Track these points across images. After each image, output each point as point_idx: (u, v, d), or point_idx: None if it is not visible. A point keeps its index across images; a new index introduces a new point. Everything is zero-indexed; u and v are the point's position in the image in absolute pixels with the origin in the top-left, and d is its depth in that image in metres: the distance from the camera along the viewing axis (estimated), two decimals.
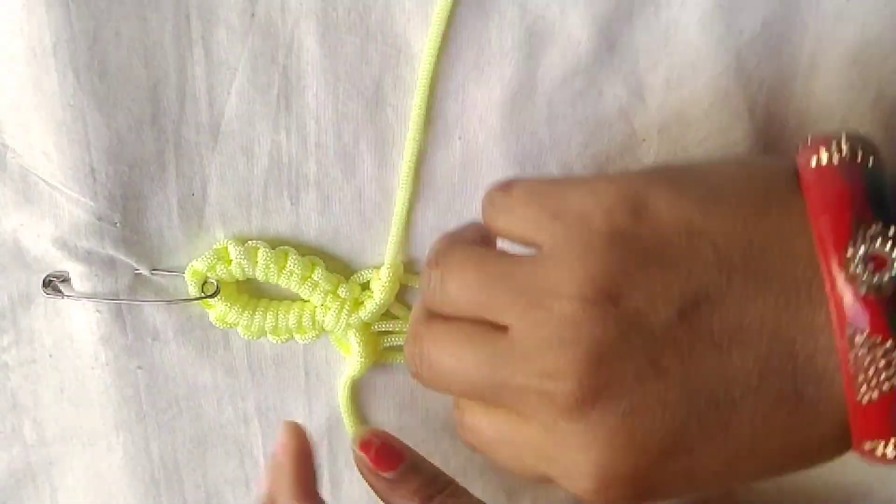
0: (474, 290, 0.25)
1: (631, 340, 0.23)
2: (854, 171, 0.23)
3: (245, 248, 0.33)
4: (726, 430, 0.23)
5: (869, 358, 0.21)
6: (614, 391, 0.23)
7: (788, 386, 0.23)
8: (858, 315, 0.22)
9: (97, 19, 0.29)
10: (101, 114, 0.31)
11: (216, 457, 0.37)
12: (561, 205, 0.25)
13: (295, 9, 0.30)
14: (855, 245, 0.22)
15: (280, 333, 0.34)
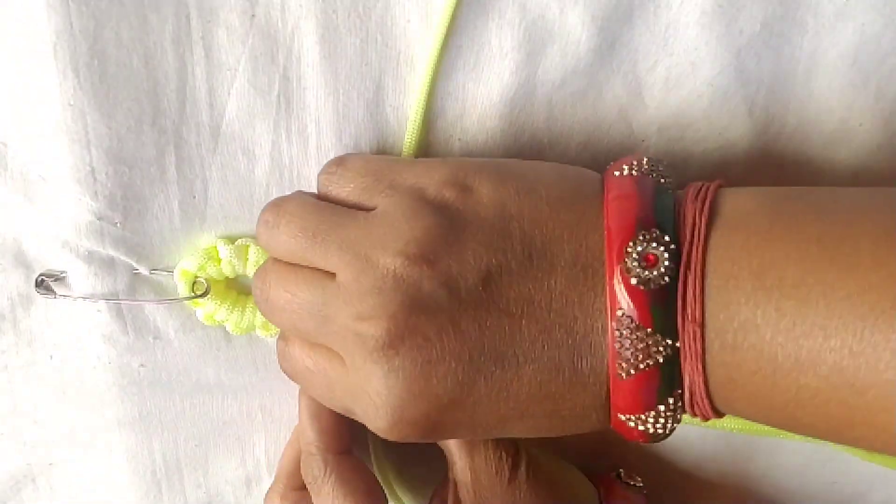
0: (307, 238, 0.28)
1: (439, 300, 0.26)
2: (646, 184, 0.27)
3: (235, 247, 0.33)
4: (507, 390, 0.26)
5: (630, 340, 0.25)
6: (418, 342, 0.26)
7: (566, 358, 0.26)
8: (627, 301, 0.25)
9: (97, 19, 0.29)
10: (101, 114, 0.31)
11: (218, 456, 0.37)
12: (397, 178, 0.28)
13: (295, 10, 0.30)
14: (634, 244, 0.25)
15: (270, 328, 0.34)
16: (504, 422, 0.27)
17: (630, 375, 0.25)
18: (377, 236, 0.27)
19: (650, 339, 0.25)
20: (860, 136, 0.33)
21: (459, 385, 0.26)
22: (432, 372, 0.26)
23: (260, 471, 0.38)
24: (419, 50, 0.31)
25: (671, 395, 0.26)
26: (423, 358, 0.26)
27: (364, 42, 0.31)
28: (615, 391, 0.26)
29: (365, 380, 0.27)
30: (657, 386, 0.25)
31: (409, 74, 0.31)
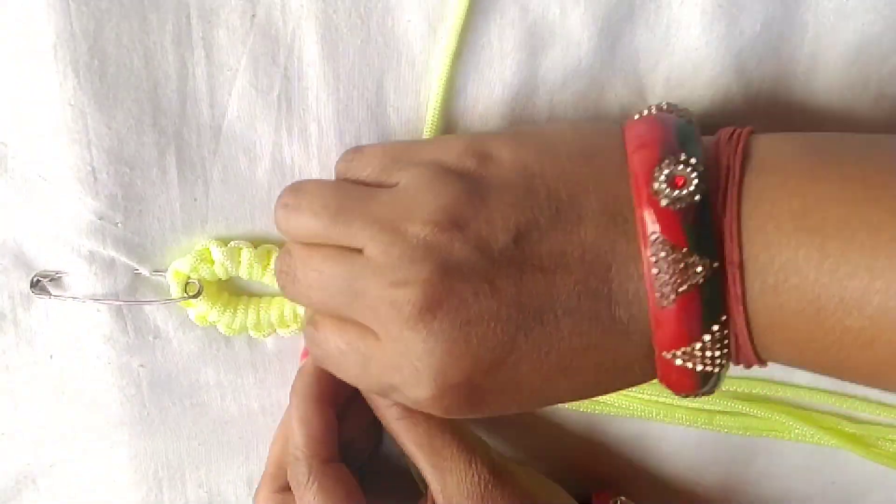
0: (330, 216, 0.28)
1: (472, 261, 0.26)
2: (667, 118, 0.26)
3: (228, 249, 0.33)
4: (548, 344, 0.26)
5: (667, 263, 0.24)
6: (455, 305, 0.26)
7: (603, 308, 0.26)
8: (658, 223, 0.25)
9: (97, 19, 0.29)
10: (101, 114, 0.31)
11: (219, 455, 0.37)
12: (415, 155, 0.29)
13: (296, 10, 0.30)
14: (661, 169, 0.25)
15: (262, 329, 0.34)
16: (549, 380, 0.27)
17: (670, 302, 0.25)
18: (402, 208, 0.27)
19: (686, 258, 0.24)
20: None
21: (500, 344, 0.26)
22: (472, 332, 0.26)
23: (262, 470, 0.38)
24: (420, 50, 0.31)
25: (716, 322, 0.25)
26: (462, 319, 0.26)
27: (365, 42, 0.31)
28: (657, 325, 0.25)
29: (403, 349, 0.26)
30: (699, 310, 0.25)
31: (410, 75, 0.31)
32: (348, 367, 0.29)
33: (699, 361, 0.25)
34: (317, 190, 0.29)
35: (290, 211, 0.29)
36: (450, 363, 0.26)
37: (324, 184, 0.29)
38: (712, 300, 0.25)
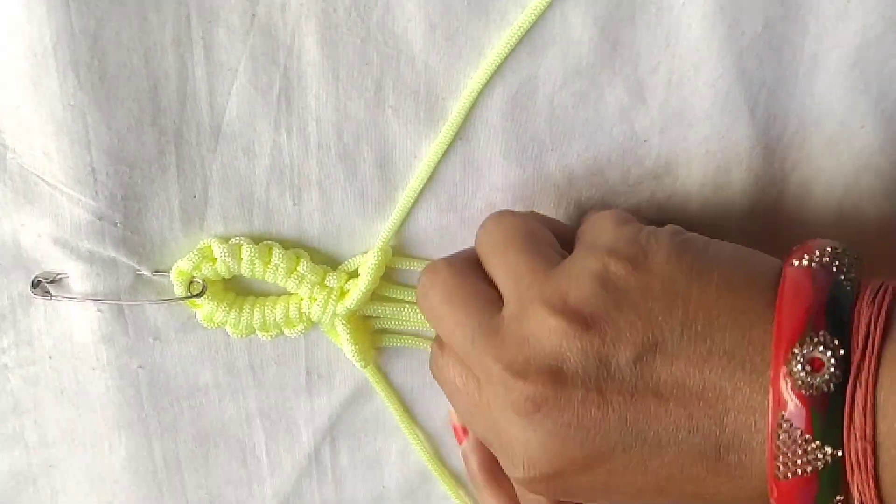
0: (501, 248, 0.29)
1: (589, 368, 0.26)
2: (825, 279, 0.25)
3: (228, 246, 0.33)
4: (646, 466, 0.26)
5: (788, 444, 0.24)
6: (562, 404, 0.26)
7: (711, 448, 0.25)
8: (790, 406, 0.24)
9: (97, 19, 0.29)
10: (101, 114, 0.31)
11: (218, 457, 0.37)
12: (595, 234, 0.29)
13: (295, 9, 0.30)
14: (801, 345, 0.24)
15: (268, 329, 0.34)
16: (641, 494, 0.27)
17: (787, 479, 0.24)
18: (550, 288, 0.27)
19: (809, 445, 0.24)
20: (862, 137, 0.33)
21: (598, 453, 0.26)
22: (570, 435, 0.26)
23: (261, 471, 0.38)
24: (420, 50, 0.31)
25: (832, 502, 0.25)
26: (564, 421, 0.26)
27: (365, 41, 0.31)
28: (773, 489, 0.25)
29: (506, 423, 0.27)
30: (815, 491, 0.24)
31: (409, 75, 0.31)
32: (459, 403, 0.30)
33: None
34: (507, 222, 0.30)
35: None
36: (543, 458, 0.26)
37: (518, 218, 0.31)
38: (831, 484, 0.24)
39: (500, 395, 0.27)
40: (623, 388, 0.26)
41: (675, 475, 0.26)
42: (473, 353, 0.28)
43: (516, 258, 0.29)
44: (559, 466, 0.26)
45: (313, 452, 0.38)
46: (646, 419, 0.26)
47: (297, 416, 0.37)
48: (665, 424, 0.25)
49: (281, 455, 0.38)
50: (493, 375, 0.27)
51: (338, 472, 0.38)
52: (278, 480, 0.38)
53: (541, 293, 0.27)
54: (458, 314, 0.29)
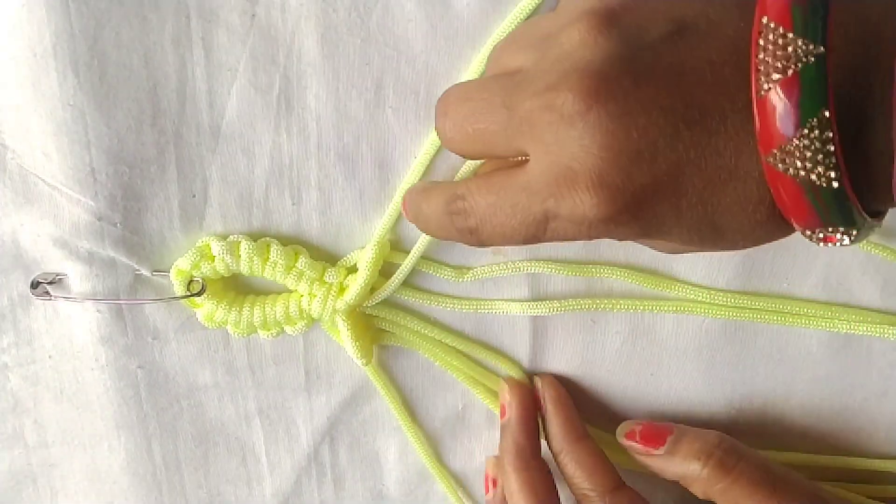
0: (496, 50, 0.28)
1: (631, 49, 0.24)
2: None
3: (227, 243, 0.33)
4: (713, 142, 0.24)
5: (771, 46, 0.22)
6: (613, 93, 0.24)
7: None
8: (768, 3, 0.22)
9: (97, 20, 0.29)
10: (101, 114, 0.31)
11: (218, 456, 0.37)
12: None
13: (295, 10, 0.30)
14: None
15: (269, 327, 0.34)
16: (714, 186, 0.24)
17: (767, 91, 0.22)
18: (557, 22, 0.26)
19: (790, 41, 0.22)
20: None
21: (663, 137, 0.24)
22: (631, 124, 0.24)
23: (261, 470, 0.38)
24: (420, 50, 0.31)
25: (815, 115, 0.22)
26: (620, 110, 0.24)
27: (364, 42, 0.31)
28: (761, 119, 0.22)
29: (561, 156, 0.24)
30: (797, 97, 0.22)
31: (409, 75, 0.31)
32: (498, 219, 0.27)
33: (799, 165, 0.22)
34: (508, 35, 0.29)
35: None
36: (608, 159, 0.24)
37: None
38: (813, 88, 0.22)
39: (547, 126, 0.24)
40: (670, 59, 0.24)
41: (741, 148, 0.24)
42: (510, 116, 0.26)
43: (519, 33, 0.28)
44: (627, 167, 0.24)
45: (312, 452, 0.38)
46: (703, 88, 0.24)
47: (296, 416, 0.37)
48: (724, 91, 0.24)
49: (280, 454, 0.38)
50: (534, 112, 0.25)
51: (337, 471, 0.38)
52: (277, 480, 0.38)
53: (556, 23, 0.26)
54: (478, 97, 0.27)
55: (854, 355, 0.37)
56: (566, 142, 0.24)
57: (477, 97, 0.27)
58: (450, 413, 0.38)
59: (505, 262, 0.35)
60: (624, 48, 0.24)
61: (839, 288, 0.36)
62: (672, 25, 0.24)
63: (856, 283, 0.36)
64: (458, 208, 0.28)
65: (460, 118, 0.27)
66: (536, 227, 0.27)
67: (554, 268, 0.35)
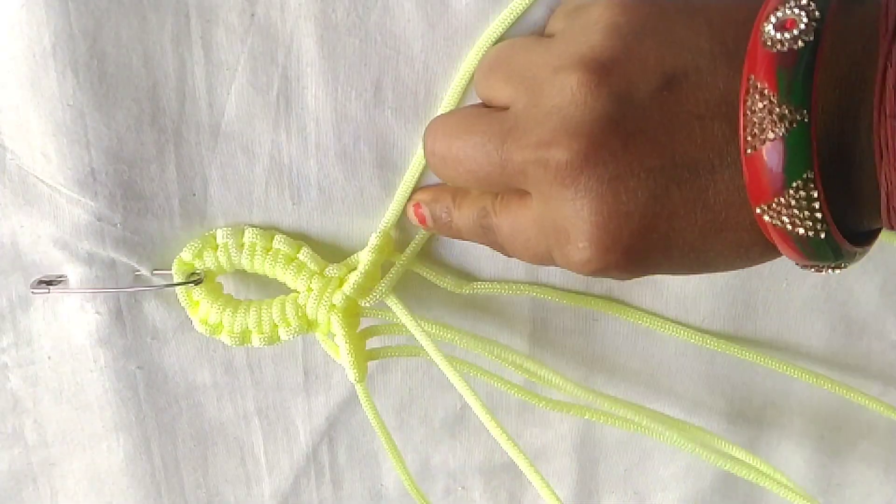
0: (480, 74, 0.28)
1: (621, 108, 0.24)
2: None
3: (232, 229, 0.32)
4: (704, 197, 0.24)
5: (758, 108, 0.22)
6: (603, 158, 0.24)
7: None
8: (756, 65, 0.23)
9: (97, 19, 0.29)
10: (100, 114, 0.31)
11: (217, 456, 0.37)
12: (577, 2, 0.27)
13: (294, 9, 0.30)
14: (777, 10, 0.23)
15: (263, 329, 0.33)
16: (704, 237, 0.25)
17: (754, 150, 0.23)
18: (555, 54, 0.26)
19: (775, 106, 0.22)
20: None
21: (652, 197, 0.24)
22: (621, 188, 0.24)
23: (259, 470, 0.38)
24: (419, 50, 0.31)
25: (798, 178, 0.22)
26: (610, 174, 0.24)
27: (363, 42, 0.31)
28: (749, 174, 0.23)
29: (555, 210, 0.25)
30: (782, 161, 0.22)
31: (408, 74, 0.31)
32: (517, 245, 0.28)
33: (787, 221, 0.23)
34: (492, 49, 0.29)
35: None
36: (598, 223, 0.25)
37: (501, 43, 0.29)
38: (797, 152, 0.22)
39: (540, 179, 0.25)
40: (662, 118, 0.24)
41: (733, 202, 0.24)
42: (503, 161, 0.26)
43: (511, 58, 0.27)
44: (617, 229, 0.25)
45: (311, 452, 0.38)
46: (693, 144, 0.24)
47: (295, 416, 0.37)
48: (713, 146, 0.24)
49: (279, 455, 0.38)
50: (528, 167, 0.25)
51: (336, 471, 0.38)
52: (276, 480, 0.38)
53: (548, 64, 0.26)
54: (468, 138, 0.27)
55: (854, 356, 0.37)
56: (559, 201, 0.25)
57: (467, 138, 0.27)
58: (449, 413, 0.38)
59: (507, 284, 0.35)
60: (613, 108, 0.24)
61: (839, 288, 0.36)
62: (661, 79, 0.24)
63: (856, 283, 0.36)
64: (487, 224, 0.29)
65: (451, 158, 0.28)
66: (545, 259, 0.28)
67: (555, 296, 0.35)
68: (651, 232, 0.25)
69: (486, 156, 0.27)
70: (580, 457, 0.39)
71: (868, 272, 0.35)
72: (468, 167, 0.27)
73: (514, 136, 0.26)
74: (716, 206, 0.24)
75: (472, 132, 0.27)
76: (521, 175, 0.26)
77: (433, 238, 0.34)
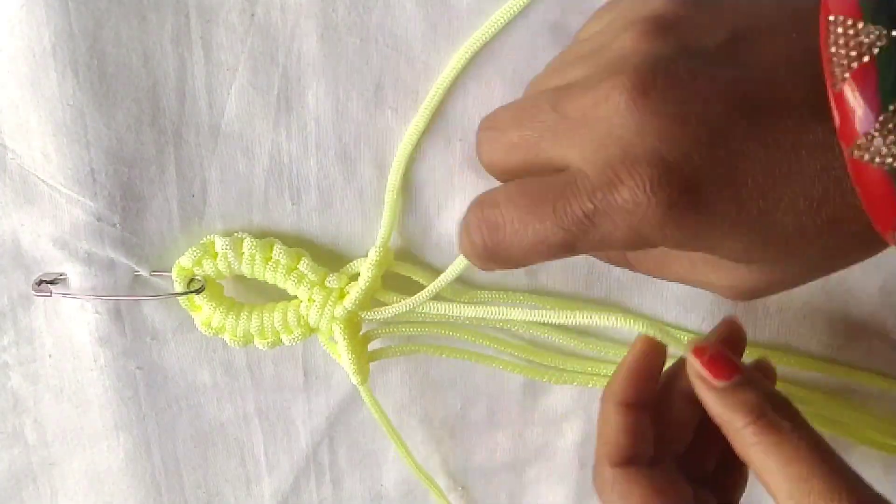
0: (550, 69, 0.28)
1: (686, 49, 0.24)
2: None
3: (231, 239, 0.32)
4: (769, 138, 0.23)
5: (841, 39, 0.22)
6: (669, 83, 0.23)
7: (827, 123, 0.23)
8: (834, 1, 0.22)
9: (97, 19, 0.29)
10: (100, 114, 0.31)
11: (216, 456, 0.37)
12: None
13: (295, 9, 0.30)
14: None
15: (266, 335, 0.34)
16: (772, 182, 0.24)
17: (844, 80, 0.22)
18: (605, 35, 0.26)
19: (859, 31, 0.22)
20: None
21: (722, 126, 0.23)
22: (690, 111, 0.23)
23: (259, 471, 0.38)
24: (420, 50, 0.31)
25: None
26: (679, 97, 0.23)
27: (364, 41, 0.31)
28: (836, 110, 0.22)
29: (616, 148, 0.24)
30: (874, 84, 0.21)
31: (409, 75, 0.31)
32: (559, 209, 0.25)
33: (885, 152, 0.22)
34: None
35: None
36: (666, 140, 0.23)
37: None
38: (890, 71, 0.21)
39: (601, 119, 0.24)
40: (727, 60, 0.24)
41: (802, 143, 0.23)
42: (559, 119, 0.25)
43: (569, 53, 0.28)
44: (686, 147, 0.23)
45: (311, 452, 0.38)
46: (758, 86, 0.23)
47: (295, 417, 0.37)
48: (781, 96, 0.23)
49: (279, 455, 0.38)
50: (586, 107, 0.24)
51: (336, 471, 0.38)
52: (276, 480, 0.38)
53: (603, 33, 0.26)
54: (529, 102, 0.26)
55: (854, 356, 0.37)
56: (621, 131, 0.24)
57: (524, 105, 0.27)
58: (449, 412, 0.38)
59: (507, 293, 0.35)
60: (680, 49, 0.24)
61: (839, 288, 0.36)
62: (727, 34, 0.24)
63: (856, 283, 0.36)
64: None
65: (505, 125, 0.27)
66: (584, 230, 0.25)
67: (555, 305, 0.35)
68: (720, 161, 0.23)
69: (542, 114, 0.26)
70: (580, 456, 0.39)
71: (868, 272, 0.35)
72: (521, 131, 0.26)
73: (571, 90, 0.25)
74: (784, 145, 0.23)
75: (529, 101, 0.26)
76: (578, 125, 0.25)
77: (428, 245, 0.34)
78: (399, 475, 0.38)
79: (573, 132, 0.25)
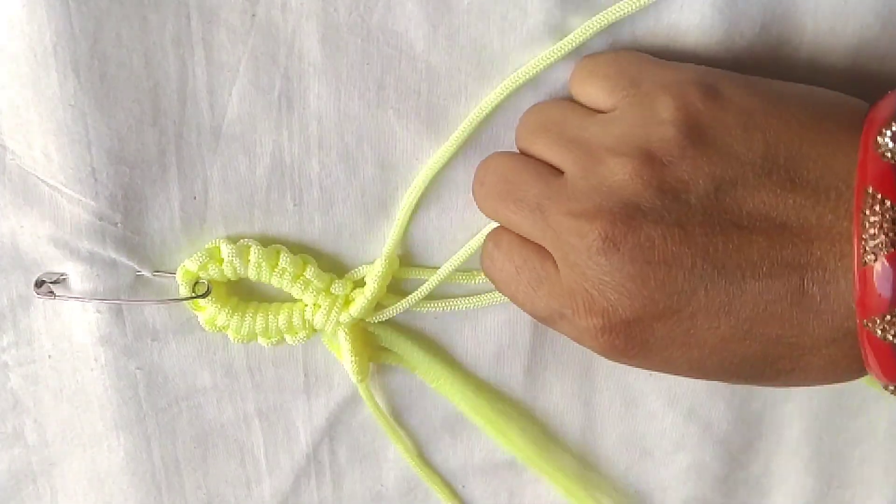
0: (541, 128, 0.29)
1: (667, 203, 0.25)
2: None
3: (237, 247, 0.33)
4: (729, 305, 0.25)
5: (876, 216, 0.23)
6: (640, 242, 0.25)
7: (795, 280, 0.25)
8: (873, 176, 0.23)
9: (98, 20, 0.29)
10: (101, 114, 0.31)
11: (217, 457, 0.37)
12: (641, 74, 0.28)
13: (296, 9, 0.30)
14: (889, 125, 0.23)
15: (270, 335, 0.34)
16: (724, 343, 0.26)
17: (876, 258, 0.23)
18: (611, 137, 0.27)
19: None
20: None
21: (680, 292, 0.25)
22: (651, 274, 0.25)
23: (260, 471, 0.38)
24: (422, 50, 0.31)
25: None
26: (645, 258, 0.25)
27: (366, 41, 0.31)
28: (861, 287, 0.23)
29: (579, 277, 0.26)
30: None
31: (410, 74, 0.31)
32: (519, 285, 0.29)
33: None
34: (540, 106, 0.30)
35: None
36: (620, 300, 0.25)
37: (545, 103, 0.30)
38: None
39: (572, 245, 0.26)
40: (704, 220, 0.25)
41: (758, 314, 0.25)
42: (540, 218, 0.27)
43: (564, 123, 0.28)
44: (640, 309, 0.25)
45: (311, 452, 0.38)
46: (727, 252, 0.25)
47: (295, 417, 0.37)
48: (748, 255, 0.25)
49: (279, 455, 0.38)
50: (563, 229, 0.26)
51: (336, 471, 0.38)
52: (277, 481, 0.38)
53: (603, 143, 0.26)
54: (519, 188, 0.28)
55: None
56: (589, 270, 0.26)
57: (515, 185, 0.28)
58: (449, 412, 0.38)
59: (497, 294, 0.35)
60: (661, 199, 0.25)
61: None
62: (712, 184, 0.25)
63: None
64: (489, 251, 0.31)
65: (494, 196, 0.29)
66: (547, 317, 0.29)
67: None
68: (670, 323, 0.26)
69: (528, 209, 0.28)
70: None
71: None
72: (507, 214, 0.29)
73: (557, 199, 0.27)
74: (740, 314, 0.25)
75: (521, 182, 0.28)
76: (555, 236, 0.27)
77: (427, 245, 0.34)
78: (399, 475, 0.38)
79: (552, 240, 0.27)
